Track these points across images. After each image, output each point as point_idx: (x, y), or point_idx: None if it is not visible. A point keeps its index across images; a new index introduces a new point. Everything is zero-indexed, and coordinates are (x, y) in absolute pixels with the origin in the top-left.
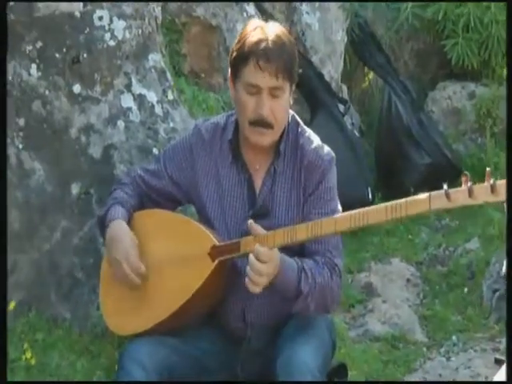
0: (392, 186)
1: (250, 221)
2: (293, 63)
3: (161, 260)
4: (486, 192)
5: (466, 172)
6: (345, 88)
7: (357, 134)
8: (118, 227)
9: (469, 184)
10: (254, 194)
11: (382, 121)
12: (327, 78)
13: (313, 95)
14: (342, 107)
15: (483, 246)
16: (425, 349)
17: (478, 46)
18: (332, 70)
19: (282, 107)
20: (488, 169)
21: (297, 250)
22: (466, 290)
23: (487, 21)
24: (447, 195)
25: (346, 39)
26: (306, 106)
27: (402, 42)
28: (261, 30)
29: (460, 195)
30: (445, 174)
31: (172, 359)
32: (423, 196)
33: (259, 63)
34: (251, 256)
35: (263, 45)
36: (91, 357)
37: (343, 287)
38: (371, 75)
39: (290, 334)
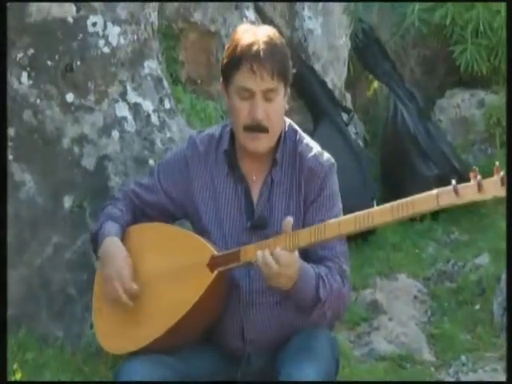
0: (398, 198)
1: (289, 218)
2: (286, 64)
3: (157, 274)
4: (496, 186)
5: (474, 167)
6: (348, 96)
7: (361, 144)
8: (112, 244)
9: (478, 178)
10: (252, 205)
11: (387, 130)
12: (330, 85)
13: (315, 104)
14: (345, 116)
15: (493, 261)
16: (433, 369)
17: (487, 51)
18: (335, 78)
19: (277, 110)
20: (497, 162)
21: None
22: (475, 307)
23: (497, 26)
24: (455, 191)
25: (349, 45)
26: (309, 115)
27: (408, 47)
28: (251, 33)
29: (469, 190)
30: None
31: (169, 379)
32: (430, 192)
33: (251, 66)
34: (270, 259)
35: (255, 48)
36: (84, 377)
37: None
38: (376, 83)
39: (291, 352)
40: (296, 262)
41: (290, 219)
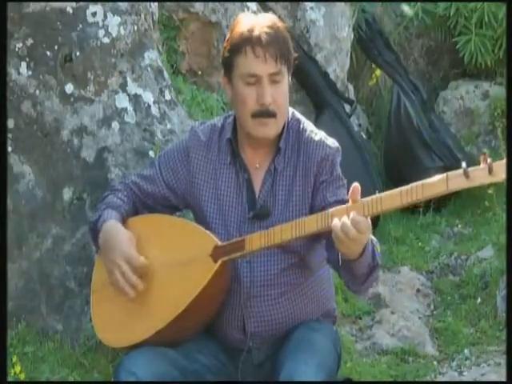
0: None
1: (356, 184)
2: (288, 47)
3: (159, 265)
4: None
5: (484, 150)
6: (351, 87)
7: (364, 136)
8: (112, 228)
9: (488, 161)
10: (254, 195)
11: (390, 122)
12: (333, 76)
13: (317, 95)
14: (348, 108)
15: (497, 255)
16: (436, 363)
17: (492, 42)
18: (338, 69)
19: (283, 93)
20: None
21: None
22: (479, 300)
23: (502, 16)
24: (466, 174)
25: (352, 36)
26: (311, 106)
27: (412, 38)
28: (252, 19)
29: (479, 173)
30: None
31: (171, 373)
32: (440, 176)
33: (256, 50)
34: (348, 224)
35: (257, 32)
36: (84, 371)
37: (349, 298)
38: (378, 71)
39: (292, 347)
40: (370, 228)
41: (357, 185)
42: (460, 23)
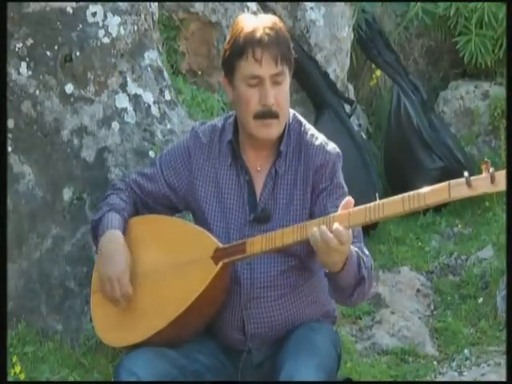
0: (401, 191)
1: (350, 198)
2: (289, 48)
3: (160, 266)
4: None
5: (486, 159)
6: (351, 87)
7: (364, 136)
8: (113, 240)
9: (491, 170)
10: (255, 197)
11: (390, 122)
12: (332, 76)
13: (317, 95)
14: (348, 108)
15: (497, 255)
16: (436, 363)
17: (492, 42)
18: (338, 69)
19: (285, 94)
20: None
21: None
22: (479, 300)
23: (502, 16)
24: (468, 183)
25: (352, 36)
26: (311, 107)
27: (412, 39)
28: (253, 20)
29: (482, 182)
30: (457, 178)
31: (171, 373)
32: (442, 184)
33: (257, 52)
34: (328, 234)
35: (258, 34)
36: (84, 371)
37: None
38: (378, 71)
39: (292, 348)
40: (350, 240)
41: (351, 199)
42: (460, 23)
